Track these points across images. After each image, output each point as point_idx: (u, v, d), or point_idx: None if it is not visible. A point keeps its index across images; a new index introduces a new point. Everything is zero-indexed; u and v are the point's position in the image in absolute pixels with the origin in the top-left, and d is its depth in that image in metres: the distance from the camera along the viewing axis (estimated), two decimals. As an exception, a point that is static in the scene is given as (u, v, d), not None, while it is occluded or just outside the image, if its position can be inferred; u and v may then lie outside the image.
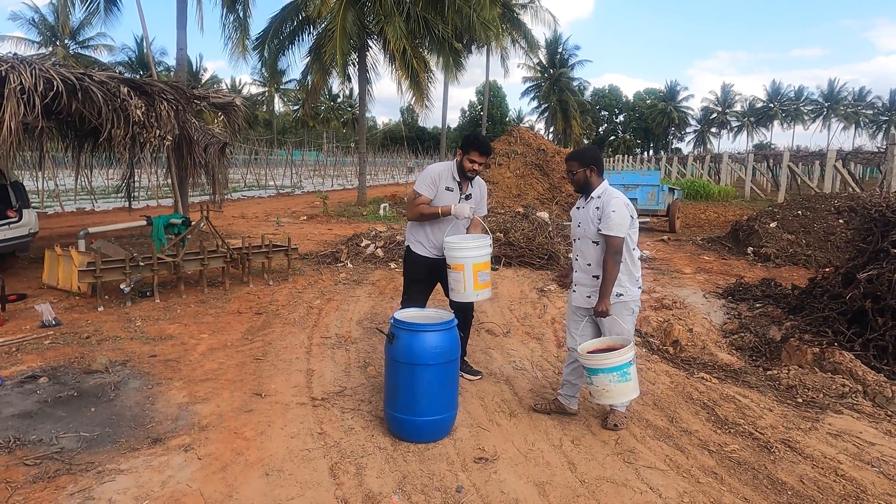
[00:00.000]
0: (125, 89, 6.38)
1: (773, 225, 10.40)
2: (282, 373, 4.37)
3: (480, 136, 4.07)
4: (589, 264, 3.49)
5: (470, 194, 4.09)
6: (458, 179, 4.01)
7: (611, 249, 3.32)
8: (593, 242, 3.43)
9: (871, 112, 72.33)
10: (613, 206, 3.35)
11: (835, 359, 4.58)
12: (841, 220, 9.94)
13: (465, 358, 4.40)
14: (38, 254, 8.07)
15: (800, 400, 4.11)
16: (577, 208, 3.63)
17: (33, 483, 2.81)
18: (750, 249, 10.03)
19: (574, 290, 3.61)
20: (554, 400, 3.78)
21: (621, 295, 3.42)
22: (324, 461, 3.09)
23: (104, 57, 36.73)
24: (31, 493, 2.73)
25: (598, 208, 3.42)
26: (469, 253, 3.71)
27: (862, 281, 4.95)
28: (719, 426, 3.67)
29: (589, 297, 3.50)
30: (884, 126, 69.48)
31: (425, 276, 4.14)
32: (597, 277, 3.44)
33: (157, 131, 6.68)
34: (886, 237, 5.12)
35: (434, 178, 3.97)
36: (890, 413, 3.93)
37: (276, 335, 5.30)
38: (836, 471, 3.14)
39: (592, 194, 3.49)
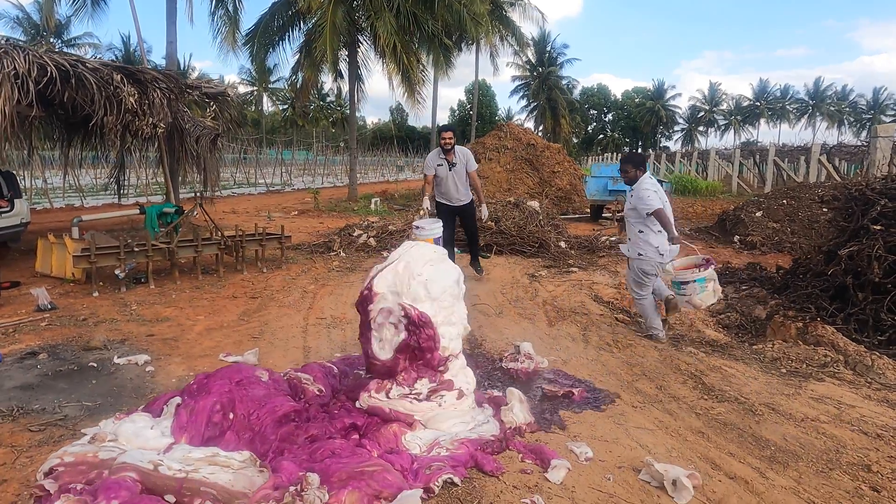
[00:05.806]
0: (118, 77, 6.42)
1: (758, 214, 10.60)
2: (279, 350, 4.45)
3: (441, 125, 6.96)
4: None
5: (455, 162, 6.42)
6: (444, 156, 6.41)
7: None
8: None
9: (850, 111, 73.24)
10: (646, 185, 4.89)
11: (817, 332, 4.73)
12: (825, 209, 10.15)
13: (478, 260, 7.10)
14: (29, 246, 8.05)
15: (784, 370, 4.24)
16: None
17: (39, 447, 2.87)
18: (736, 238, 10.22)
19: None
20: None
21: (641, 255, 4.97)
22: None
23: (89, 55, 36.46)
24: (38, 455, 2.79)
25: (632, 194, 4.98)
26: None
27: (843, 257, 5.10)
28: (706, 393, 3.79)
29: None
30: (867, 124, 70.48)
31: (448, 218, 6.37)
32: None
33: (150, 119, 6.72)
34: (866, 215, 5.27)
35: (429, 161, 6.57)
36: (870, 380, 4.07)
37: (272, 316, 5.37)
38: (818, 429, 3.27)
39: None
